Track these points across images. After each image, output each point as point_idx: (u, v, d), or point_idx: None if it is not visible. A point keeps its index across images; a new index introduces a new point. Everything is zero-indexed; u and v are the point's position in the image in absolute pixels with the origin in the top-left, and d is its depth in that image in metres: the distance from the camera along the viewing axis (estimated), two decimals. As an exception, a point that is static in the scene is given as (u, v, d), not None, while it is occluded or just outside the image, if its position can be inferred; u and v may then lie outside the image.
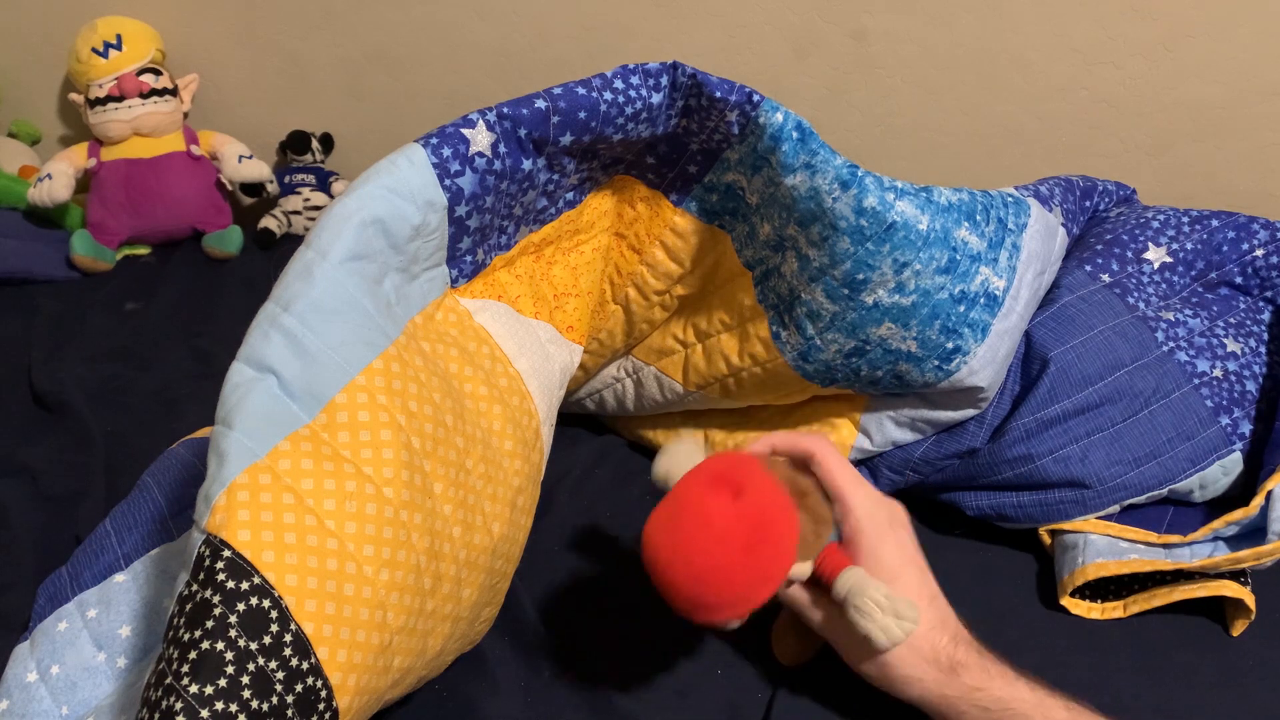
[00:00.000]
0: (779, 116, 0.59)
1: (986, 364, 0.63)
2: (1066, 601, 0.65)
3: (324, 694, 0.43)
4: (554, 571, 0.68)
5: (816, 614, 0.54)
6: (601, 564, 0.70)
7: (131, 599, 0.57)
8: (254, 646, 0.41)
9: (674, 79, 0.61)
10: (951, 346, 0.62)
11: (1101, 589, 0.66)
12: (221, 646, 0.41)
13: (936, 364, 0.63)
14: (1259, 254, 0.75)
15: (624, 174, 0.69)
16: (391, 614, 0.47)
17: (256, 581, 0.42)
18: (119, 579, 0.58)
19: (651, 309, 0.73)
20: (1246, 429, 0.69)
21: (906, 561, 0.52)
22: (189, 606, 0.42)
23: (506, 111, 0.57)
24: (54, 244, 1.15)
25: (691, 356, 0.74)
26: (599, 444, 0.83)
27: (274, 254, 1.19)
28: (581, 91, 0.59)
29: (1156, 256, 0.76)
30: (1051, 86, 1.05)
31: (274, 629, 0.42)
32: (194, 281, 1.12)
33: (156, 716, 0.39)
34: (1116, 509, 0.68)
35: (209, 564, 0.42)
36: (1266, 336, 0.74)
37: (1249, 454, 0.68)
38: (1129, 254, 0.76)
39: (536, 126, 0.58)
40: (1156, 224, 0.77)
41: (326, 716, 0.43)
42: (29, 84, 1.32)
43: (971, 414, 0.68)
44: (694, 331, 0.73)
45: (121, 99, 1.15)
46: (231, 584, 0.42)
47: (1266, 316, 0.75)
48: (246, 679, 0.41)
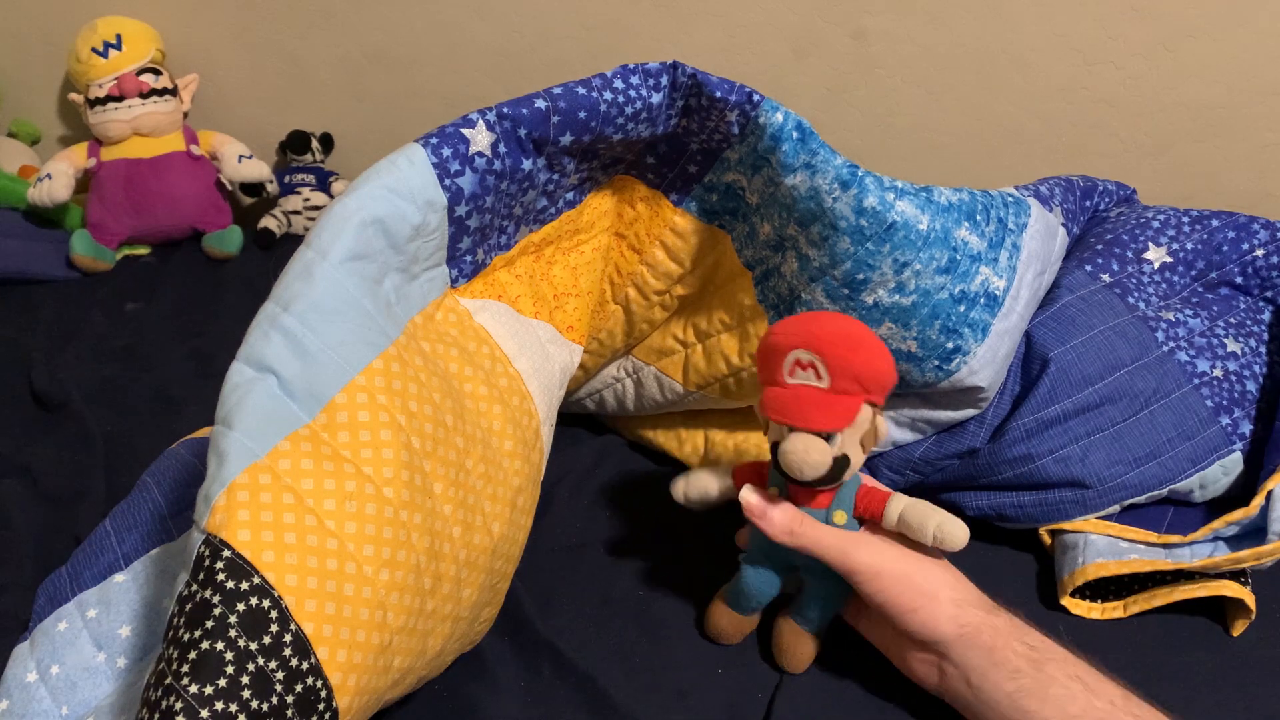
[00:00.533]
0: (779, 116, 0.59)
1: (986, 364, 0.63)
2: (1067, 601, 0.65)
3: (324, 694, 0.43)
4: (554, 571, 0.68)
5: (864, 556, 0.54)
6: (602, 564, 0.70)
7: (131, 599, 0.57)
8: (254, 646, 0.41)
9: (674, 79, 0.61)
10: (951, 346, 0.62)
11: (1101, 589, 0.66)
12: (221, 646, 0.41)
13: (936, 364, 0.63)
14: (1259, 254, 0.75)
15: (624, 174, 0.69)
16: (391, 614, 0.47)
17: (256, 581, 0.42)
18: (119, 579, 0.58)
19: (651, 309, 0.73)
20: (1247, 429, 0.69)
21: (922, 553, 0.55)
22: (189, 606, 0.42)
23: (506, 111, 0.57)
24: (54, 244, 1.15)
25: (691, 356, 0.74)
26: (599, 444, 0.83)
27: (274, 254, 1.19)
28: (581, 91, 0.59)
29: (1157, 256, 0.76)
30: (1051, 86, 1.05)
31: (274, 629, 0.42)
32: (194, 281, 1.12)
33: (156, 716, 0.39)
34: (1117, 509, 0.68)
35: (209, 564, 0.42)
36: (1267, 336, 0.74)
37: (1249, 454, 0.68)
38: (1129, 254, 0.76)
39: (536, 126, 0.58)
40: (1157, 224, 0.77)
41: (326, 716, 0.43)
42: (29, 84, 1.32)
43: (972, 414, 0.68)
44: (694, 331, 0.73)
45: (121, 99, 1.15)
46: (231, 584, 0.42)
47: (1267, 316, 0.75)
48: (246, 679, 0.41)
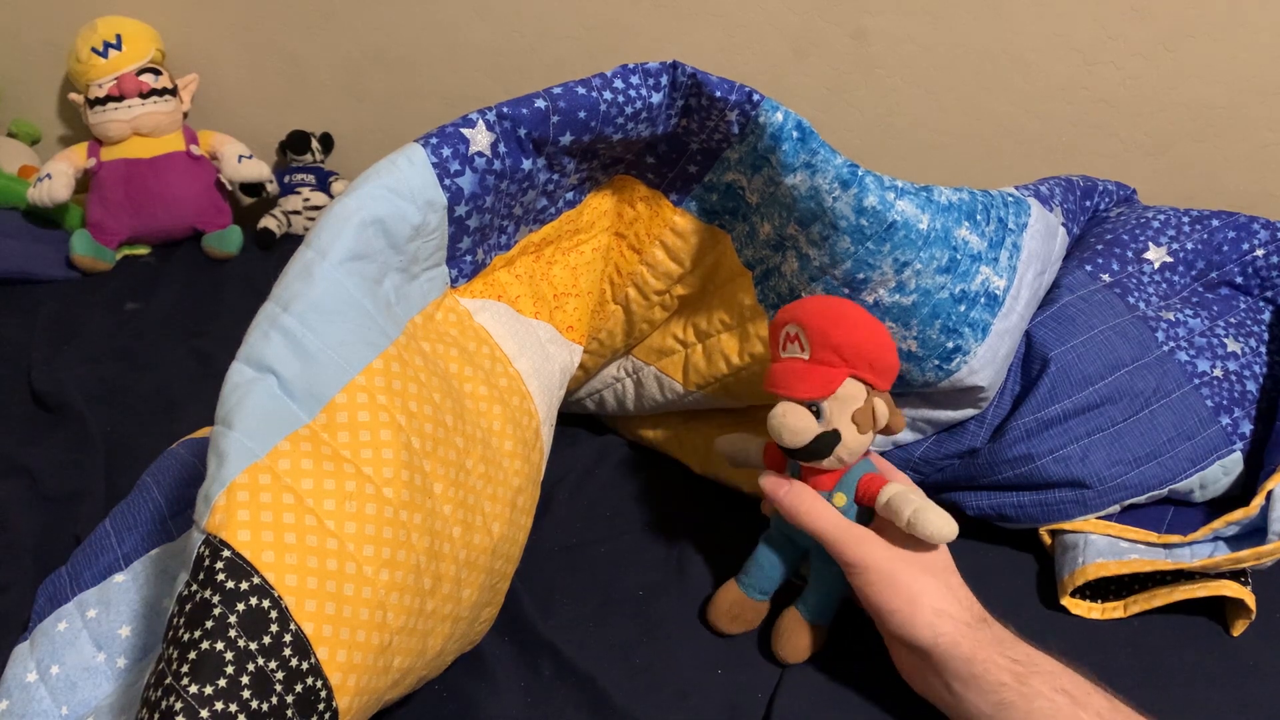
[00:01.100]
0: (779, 116, 0.59)
1: (987, 364, 0.63)
2: (1067, 601, 0.65)
3: (324, 694, 0.43)
4: (554, 571, 0.68)
5: (855, 550, 0.54)
6: (602, 564, 0.70)
7: (131, 599, 0.57)
8: (254, 647, 0.41)
9: (674, 79, 0.61)
10: (952, 346, 0.62)
11: (1102, 589, 0.66)
12: (221, 646, 0.41)
13: (937, 364, 0.63)
14: (1259, 254, 0.75)
15: (624, 174, 0.69)
16: (391, 614, 0.47)
17: (256, 581, 0.42)
18: (119, 579, 0.58)
19: (651, 309, 0.73)
20: (1247, 429, 0.69)
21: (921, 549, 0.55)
22: (189, 606, 0.42)
23: (506, 111, 0.57)
24: (54, 244, 1.15)
25: (691, 356, 0.74)
26: (599, 444, 0.83)
27: (274, 254, 1.19)
28: (581, 91, 0.59)
29: (1157, 256, 0.76)
30: (1051, 86, 1.05)
31: (274, 629, 0.42)
32: (194, 281, 1.12)
33: (156, 716, 0.39)
34: (1117, 509, 0.68)
35: (209, 564, 0.42)
36: (1267, 336, 0.74)
37: (1249, 454, 0.68)
38: (1129, 254, 0.75)
39: (536, 126, 0.58)
40: (1157, 224, 0.77)
41: (326, 717, 0.43)
42: (29, 84, 1.32)
43: (972, 414, 0.68)
44: (694, 331, 0.73)
45: (121, 99, 1.15)
46: (231, 584, 0.42)
47: (1267, 316, 0.75)
48: (246, 679, 0.41)
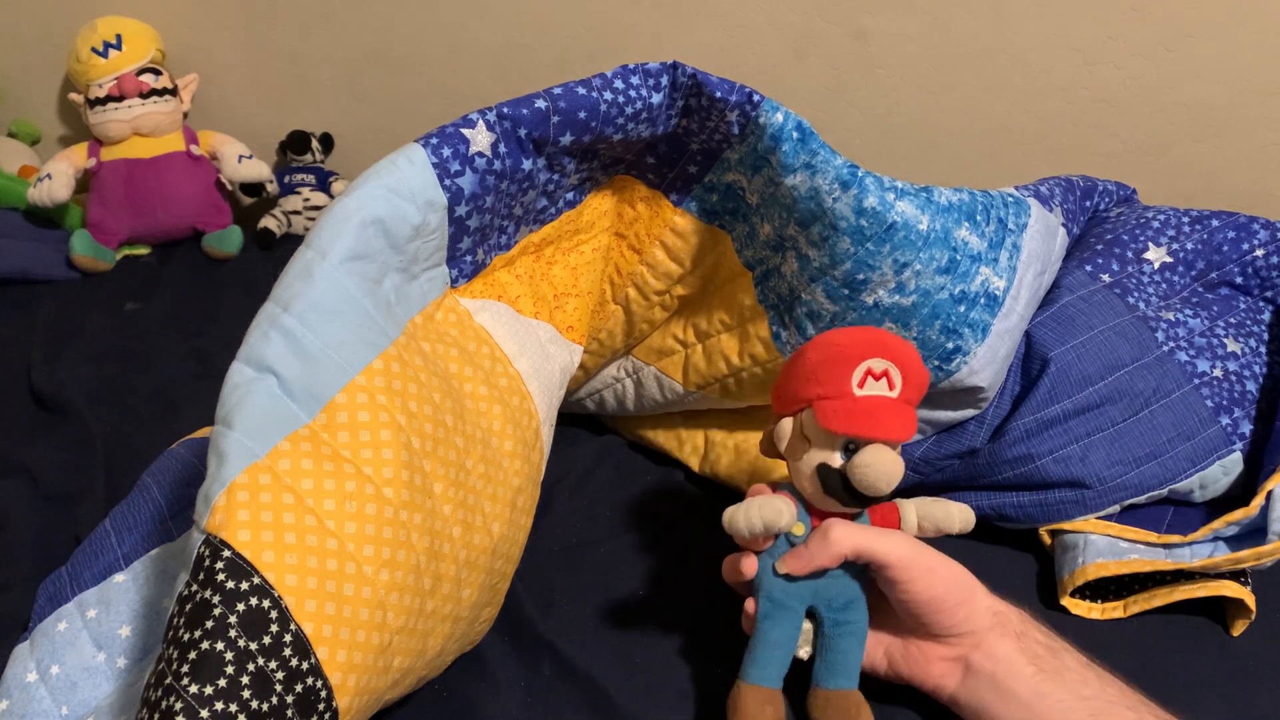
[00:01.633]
0: (779, 116, 0.59)
1: (987, 364, 0.63)
2: (1067, 601, 0.65)
3: (324, 694, 0.43)
4: (554, 571, 0.68)
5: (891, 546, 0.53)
6: (602, 564, 0.70)
7: (131, 599, 0.57)
8: (254, 647, 0.41)
9: (674, 79, 0.61)
10: (952, 346, 0.62)
11: (1101, 589, 0.66)
12: (221, 647, 0.41)
13: (937, 364, 0.63)
14: (1259, 254, 0.75)
15: (624, 174, 0.69)
16: (391, 614, 0.47)
17: (256, 581, 0.42)
18: (119, 579, 0.58)
19: (651, 309, 0.73)
20: (1247, 429, 0.69)
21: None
22: (189, 607, 0.42)
23: (506, 111, 0.57)
24: (54, 244, 1.15)
25: (691, 356, 0.74)
26: (599, 444, 0.83)
27: (274, 254, 1.19)
28: (581, 91, 0.59)
29: (1157, 256, 0.76)
30: (1051, 86, 1.05)
31: (274, 629, 0.42)
32: (194, 281, 1.12)
33: (156, 716, 0.39)
34: (1117, 509, 0.68)
35: (209, 564, 0.42)
36: (1267, 336, 0.74)
37: (1249, 454, 0.68)
38: (1129, 254, 0.75)
39: (536, 126, 0.58)
40: (1157, 224, 0.77)
41: (326, 717, 0.43)
42: (29, 84, 1.32)
43: (971, 414, 0.68)
44: (694, 331, 0.73)
45: (121, 99, 1.15)
46: (231, 584, 0.42)
47: (1267, 316, 0.75)
48: (246, 679, 0.41)
